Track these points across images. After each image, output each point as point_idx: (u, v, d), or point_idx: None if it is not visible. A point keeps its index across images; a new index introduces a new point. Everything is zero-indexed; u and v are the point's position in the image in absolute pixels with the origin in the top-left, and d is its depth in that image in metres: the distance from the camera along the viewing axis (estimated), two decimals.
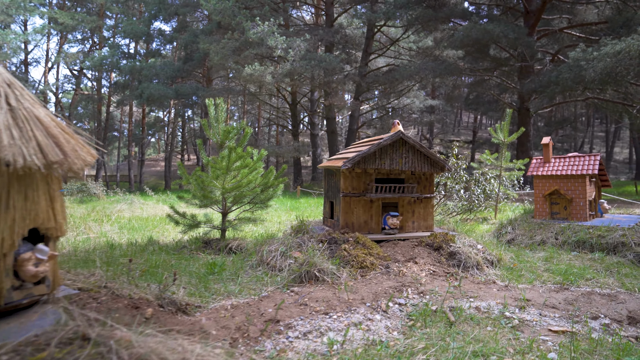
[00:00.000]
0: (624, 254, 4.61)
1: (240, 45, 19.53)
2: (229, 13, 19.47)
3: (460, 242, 4.26)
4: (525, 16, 19.91)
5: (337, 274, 3.62)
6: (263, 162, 6.17)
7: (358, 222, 4.48)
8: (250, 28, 18.50)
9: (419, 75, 18.08)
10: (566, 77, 14.01)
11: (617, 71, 12.62)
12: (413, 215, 4.63)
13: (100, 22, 34.37)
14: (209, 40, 20.67)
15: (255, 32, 18.23)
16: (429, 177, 4.67)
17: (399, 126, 4.76)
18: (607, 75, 12.87)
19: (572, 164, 5.65)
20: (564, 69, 14.37)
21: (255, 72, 18.28)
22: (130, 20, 33.24)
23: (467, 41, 16.28)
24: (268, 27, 18.11)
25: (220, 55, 19.65)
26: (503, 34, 16.04)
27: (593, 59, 13.09)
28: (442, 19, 17.91)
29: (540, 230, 5.38)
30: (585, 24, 20.00)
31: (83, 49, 38.55)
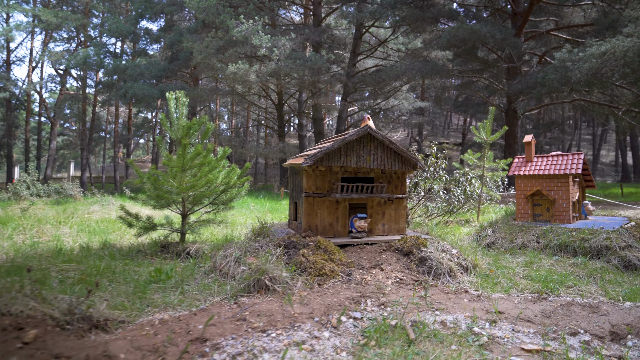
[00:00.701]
0: (608, 258, 4.30)
1: (225, 44, 19.11)
2: (213, 11, 19.05)
3: (433, 246, 3.90)
4: (513, 18, 19.82)
5: (291, 282, 3.23)
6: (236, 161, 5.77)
7: (322, 224, 4.10)
8: (234, 26, 18.10)
9: (405, 75, 17.82)
10: (552, 78, 13.84)
11: (603, 72, 12.48)
12: (383, 217, 4.27)
13: (85, 20, 33.74)
14: (192, 39, 20.22)
15: (240, 31, 17.83)
16: (400, 176, 4.31)
17: (369, 121, 4.41)
18: (593, 76, 12.72)
19: (554, 163, 5.34)
20: (550, 70, 14.20)
21: (239, 71, 17.86)
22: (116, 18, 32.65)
23: (454, 41, 16.06)
24: (252, 25, 17.73)
25: (203, 54, 19.19)
26: (490, 35, 15.86)
27: (579, 60, 12.93)
28: (430, 20, 17.69)
29: (522, 233, 5.05)
30: (571, 26, 19.97)
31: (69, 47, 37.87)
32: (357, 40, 23.15)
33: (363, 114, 32.56)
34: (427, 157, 6.53)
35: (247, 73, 17.89)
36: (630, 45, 11.80)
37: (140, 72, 28.00)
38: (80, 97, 35.93)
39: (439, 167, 6.39)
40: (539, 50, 22.78)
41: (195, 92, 23.63)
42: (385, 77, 18.27)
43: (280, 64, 17.86)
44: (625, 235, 4.48)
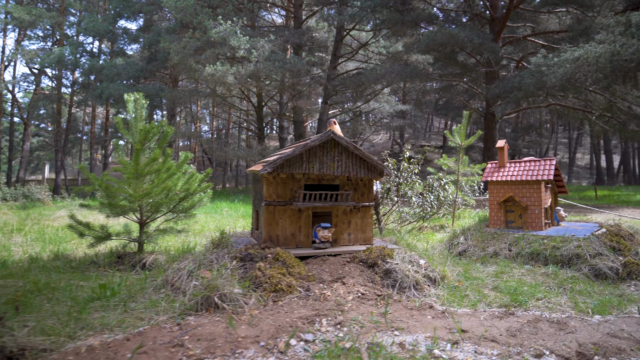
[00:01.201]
0: (579, 267, 4.19)
1: (202, 45, 18.72)
2: (191, 11, 18.65)
3: (400, 257, 3.71)
4: (491, 23, 20.05)
5: (243, 300, 2.98)
6: None
7: (284, 234, 3.86)
8: (212, 27, 17.74)
9: (385, 79, 17.77)
10: (528, 82, 13.97)
11: (576, 77, 12.64)
12: (349, 227, 4.06)
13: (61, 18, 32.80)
14: (170, 39, 19.76)
15: (218, 32, 17.48)
16: (367, 184, 4.12)
17: (335, 126, 4.21)
18: (567, 81, 12.87)
19: (527, 169, 5.24)
20: (526, 75, 14.35)
21: (217, 72, 17.49)
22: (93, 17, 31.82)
23: (433, 45, 16.10)
24: (231, 26, 17.41)
25: (181, 55, 18.76)
26: (468, 39, 15.95)
27: (553, 65, 13.08)
28: (409, 23, 17.70)
29: (494, 240, 4.92)
30: (547, 32, 20.32)
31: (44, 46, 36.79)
32: (338, 43, 23.05)
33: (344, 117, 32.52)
34: (399, 161, 6.39)
35: (225, 74, 17.54)
36: (602, 51, 11.99)
37: (117, 72, 27.34)
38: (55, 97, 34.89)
39: (411, 172, 6.24)
40: (517, 55, 23.13)
41: (173, 93, 23.11)
42: (365, 80, 18.19)
43: (259, 66, 17.58)
44: (596, 243, 4.39)
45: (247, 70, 17.80)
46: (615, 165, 34.47)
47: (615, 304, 3.33)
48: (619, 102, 16.04)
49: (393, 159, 6.23)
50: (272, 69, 17.59)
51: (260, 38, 18.25)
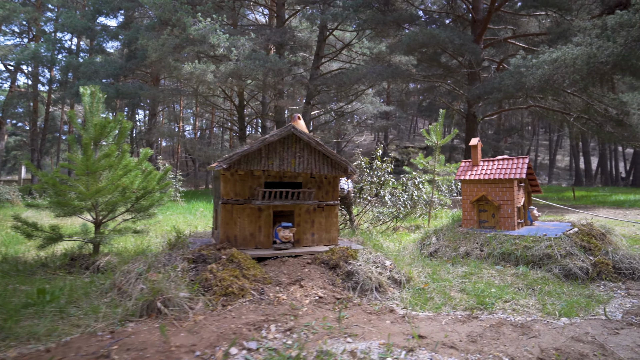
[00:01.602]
0: (549, 267, 4.08)
1: (181, 42, 18.31)
2: (169, 8, 18.24)
3: (364, 258, 3.54)
4: (473, 25, 20.16)
5: (189, 304, 2.76)
6: None
7: (242, 234, 3.65)
8: (191, 24, 17.38)
9: (367, 78, 17.68)
10: (508, 83, 14.04)
11: (554, 79, 12.74)
12: (312, 226, 3.87)
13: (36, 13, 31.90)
14: (148, 36, 19.29)
15: (197, 29, 17.14)
16: (332, 181, 3.93)
17: (300, 121, 4.01)
18: (545, 82, 12.96)
19: (499, 167, 5.14)
20: (506, 76, 14.42)
21: (195, 70, 17.13)
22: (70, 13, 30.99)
23: (414, 45, 16.07)
24: (210, 24, 17.08)
25: (159, 52, 18.32)
26: (449, 40, 15.97)
27: (532, 66, 13.16)
28: (391, 23, 17.66)
29: (465, 240, 4.79)
30: (527, 34, 20.56)
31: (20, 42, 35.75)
32: (321, 43, 22.90)
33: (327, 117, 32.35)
34: (372, 160, 6.23)
35: (204, 73, 17.19)
36: (579, 53, 12.10)
37: (95, 69, 26.63)
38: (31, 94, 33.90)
39: (384, 171, 6.08)
40: (499, 57, 23.36)
41: (151, 91, 22.60)
42: (347, 79, 18.07)
43: (239, 65, 17.28)
44: (567, 243, 4.29)
45: (227, 69, 17.48)
46: (593, 166, 35.19)
47: (583, 305, 3.21)
48: (596, 104, 16.27)
49: (366, 157, 6.07)
50: (252, 68, 17.32)
51: (241, 36, 17.96)
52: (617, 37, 12.33)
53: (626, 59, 12.24)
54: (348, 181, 5.49)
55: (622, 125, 14.78)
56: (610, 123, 15.72)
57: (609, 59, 12.22)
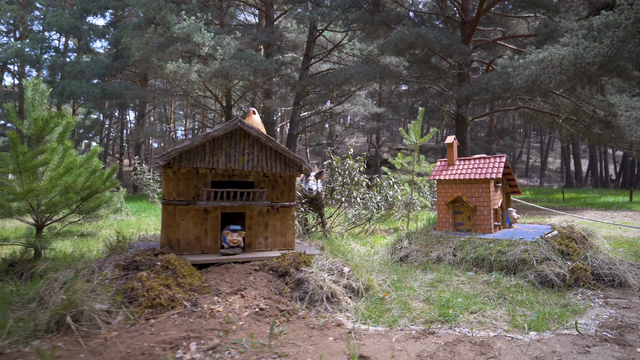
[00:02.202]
0: (524, 273, 3.78)
1: (166, 41, 17.93)
2: (154, 6, 17.86)
3: (319, 264, 3.21)
4: (462, 26, 20.00)
5: (105, 319, 2.41)
6: None
7: (186, 238, 3.31)
8: (175, 23, 17.02)
9: (354, 78, 17.41)
10: (495, 83, 13.84)
11: (541, 79, 12.55)
12: (266, 229, 3.54)
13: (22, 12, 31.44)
14: (132, 35, 18.89)
15: (181, 27, 16.78)
16: (288, 181, 3.60)
17: (254, 115, 3.69)
18: (532, 83, 12.77)
19: (475, 167, 4.85)
20: (493, 76, 14.23)
21: (179, 69, 16.76)
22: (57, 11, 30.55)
23: (401, 45, 15.83)
24: (194, 22, 16.73)
25: (143, 51, 17.93)
26: (436, 39, 15.76)
27: (519, 67, 12.97)
28: (378, 23, 17.43)
29: (438, 245, 4.49)
30: (516, 36, 20.44)
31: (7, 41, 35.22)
32: (311, 44, 22.63)
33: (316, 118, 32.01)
34: (344, 159, 5.92)
35: (188, 72, 16.82)
36: (565, 53, 11.93)
37: (80, 69, 26.20)
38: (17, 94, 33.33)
39: (356, 171, 5.76)
40: (489, 59, 23.24)
41: (136, 91, 22.19)
42: (334, 79, 17.79)
43: (224, 64, 16.93)
44: (544, 247, 4.00)
45: (212, 68, 17.13)
46: (584, 169, 35.23)
47: (556, 317, 2.91)
48: (584, 106, 16.14)
49: (337, 156, 5.76)
50: (238, 68, 16.98)
51: (227, 35, 17.62)
52: (603, 37, 12.18)
53: (612, 60, 12.10)
54: (317, 181, 5.17)
55: (609, 126, 14.64)
56: (598, 125, 15.59)
57: (596, 59, 12.06)
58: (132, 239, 4.09)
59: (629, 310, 3.10)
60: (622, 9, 11.86)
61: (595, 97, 15.94)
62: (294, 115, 23.41)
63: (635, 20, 11.51)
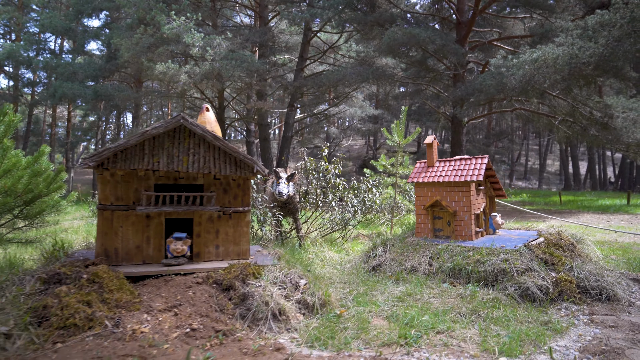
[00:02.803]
0: (504, 286, 3.45)
1: (156, 42, 17.65)
2: (144, 6, 17.61)
3: (271, 276, 2.88)
4: (458, 27, 19.73)
5: (3, 343, 2.08)
6: None
7: (126, 247, 2.98)
8: (165, 23, 16.75)
9: (346, 79, 17.11)
10: (489, 84, 13.53)
11: (535, 79, 12.24)
12: (217, 237, 3.21)
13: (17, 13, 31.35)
14: (121, 35, 18.63)
15: (171, 28, 16.50)
16: (242, 184, 3.28)
17: (208, 113, 3.37)
18: (527, 83, 12.47)
19: (455, 168, 4.52)
20: (487, 77, 13.92)
21: (168, 70, 16.46)
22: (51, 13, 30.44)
23: (394, 45, 15.54)
24: (184, 22, 16.45)
25: (132, 52, 17.65)
26: (430, 39, 15.47)
27: (512, 66, 12.67)
28: (371, 23, 17.15)
29: (414, 253, 4.15)
30: (512, 36, 20.17)
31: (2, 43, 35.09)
32: (305, 45, 22.37)
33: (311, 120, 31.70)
34: (318, 160, 5.59)
35: (177, 73, 16.52)
36: (560, 53, 11.63)
37: (73, 70, 25.97)
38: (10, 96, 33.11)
39: (330, 173, 5.42)
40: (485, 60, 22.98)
41: (125, 93, 21.90)
42: (326, 80, 17.51)
43: (214, 65, 16.63)
44: (527, 256, 3.67)
45: (203, 69, 16.83)
46: (582, 171, 34.90)
47: (534, 337, 2.58)
48: (581, 107, 15.84)
49: (311, 157, 5.43)
50: (229, 68, 16.68)
51: (217, 36, 17.34)
52: (598, 37, 11.89)
53: (608, 60, 11.80)
54: (289, 184, 4.84)
55: (606, 128, 14.33)
56: (595, 126, 15.27)
57: (591, 59, 11.76)
58: (75, 247, 3.77)
59: (615, 329, 2.76)
60: (618, 7, 11.56)
61: (592, 99, 15.65)
62: (289, 117, 23.14)
63: (630, 19, 11.22)
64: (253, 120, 25.77)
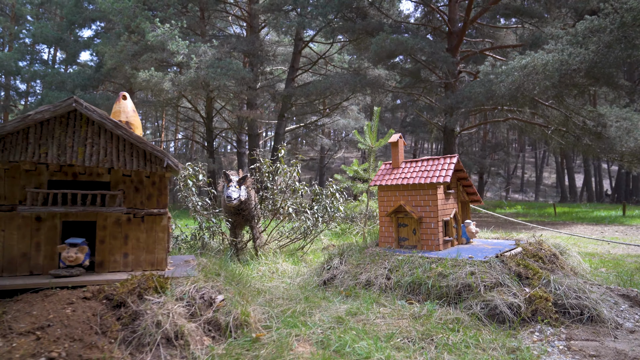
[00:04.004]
0: (468, 303, 2.94)
1: (140, 49, 17.35)
2: (129, 13, 17.35)
3: (179, 291, 2.38)
4: (449, 37, 19.54)
5: None
6: None
7: (8, 255, 2.48)
8: (150, 30, 16.47)
9: (334, 87, 16.78)
10: (478, 91, 13.18)
11: (525, 86, 11.89)
12: (126, 244, 2.70)
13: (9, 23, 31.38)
14: (106, 43, 18.35)
15: (155, 35, 16.21)
16: (157, 182, 2.79)
17: (126, 101, 2.91)
18: (516, 90, 12.11)
19: (421, 169, 4.05)
20: (476, 84, 13.59)
21: (152, 78, 16.10)
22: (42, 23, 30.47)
23: (382, 53, 15.24)
24: (169, 30, 16.17)
25: (115, 59, 17.33)
26: (419, 47, 15.19)
27: (501, 73, 12.34)
28: (359, 31, 16.91)
29: (372, 264, 3.64)
30: (504, 46, 19.97)
31: None
32: (297, 55, 22.15)
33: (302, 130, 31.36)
34: (274, 162, 5.10)
35: (161, 81, 16.16)
36: (549, 59, 11.30)
37: (61, 80, 25.76)
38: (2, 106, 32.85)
39: (291, 177, 4.92)
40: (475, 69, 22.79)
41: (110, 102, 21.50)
42: (313, 89, 17.16)
43: (199, 73, 16.29)
44: (497, 268, 3.17)
45: (187, 77, 16.48)
46: (578, 183, 34.51)
47: None
48: (574, 116, 15.50)
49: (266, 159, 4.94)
50: (213, 76, 16.34)
51: (202, 44, 17.05)
52: (588, 43, 11.58)
53: (598, 67, 11.47)
54: (241, 188, 4.35)
55: (600, 137, 13.94)
56: (588, 136, 14.90)
57: (582, 65, 11.44)
58: None
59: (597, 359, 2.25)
60: (607, 12, 11.29)
61: (585, 108, 15.32)
62: (279, 127, 22.77)
63: (620, 24, 10.92)
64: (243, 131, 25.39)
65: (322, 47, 27.35)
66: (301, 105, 23.46)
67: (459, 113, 15.51)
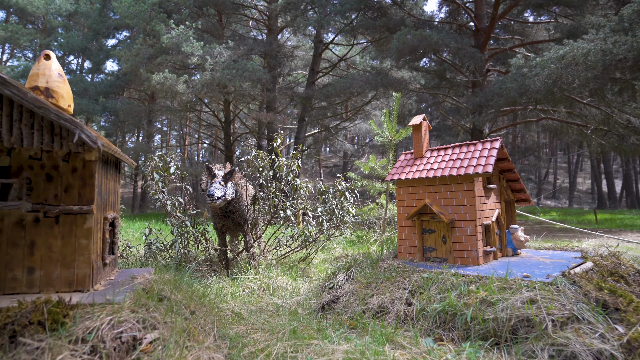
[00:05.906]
0: (529, 347, 1.98)
1: (155, 52, 17.07)
2: (145, 17, 17.12)
3: (82, 327, 1.54)
4: (476, 34, 18.42)
5: None
6: None
7: None
8: (164, 33, 16.14)
9: (353, 87, 15.91)
10: (509, 87, 12.02)
11: (563, 79, 10.67)
12: (32, 254, 1.91)
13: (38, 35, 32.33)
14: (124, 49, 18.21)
15: (170, 37, 15.86)
16: (79, 168, 1.98)
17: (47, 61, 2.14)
18: (553, 84, 10.89)
19: (452, 158, 3.11)
20: (508, 79, 12.43)
21: (166, 80, 15.71)
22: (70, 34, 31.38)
23: (404, 49, 14.29)
24: (183, 31, 15.78)
25: (130, 62, 17.11)
26: (443, 42, 14.17)
27: (536, 66, 11.17)
28: (380, 28, 16.04)
29: (387, 283, 2.72)
30: (535, 42, 18.64)
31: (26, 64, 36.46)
32: (317, 58, 21.51)
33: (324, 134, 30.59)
34: (270, 152, 4.25)
35: (175, 83, 15.74)
36: (591, 48, 10.07)
37: (84, 87, 26.20)
38: None
39: (289, 172, 4.02)
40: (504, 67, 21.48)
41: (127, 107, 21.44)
42: (333, 90, 16.35)
43: (214, 74, 15.78)
44: (569, 294, 2.20)
45: (202, 79, 16.01)
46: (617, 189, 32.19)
47: None
48: (617, 114, 14.04)
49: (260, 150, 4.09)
50: (229, 78, 15.80)
51: (218, 45, 16.58)
52: (636, 28, 10.27)
53: None
54: (227, 185, 3.53)
55: None
56: (635, 135, 13.41)
57: (629, 54, 10.14)
58: None
59: None
60: None
61: (629, 104, 13.83)
62: (299, 131, 22.09)
63: None
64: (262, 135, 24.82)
65: (343, 50, 26.65)
66: (322, 108, 22.73)
67: (488, 112, 14.32)
